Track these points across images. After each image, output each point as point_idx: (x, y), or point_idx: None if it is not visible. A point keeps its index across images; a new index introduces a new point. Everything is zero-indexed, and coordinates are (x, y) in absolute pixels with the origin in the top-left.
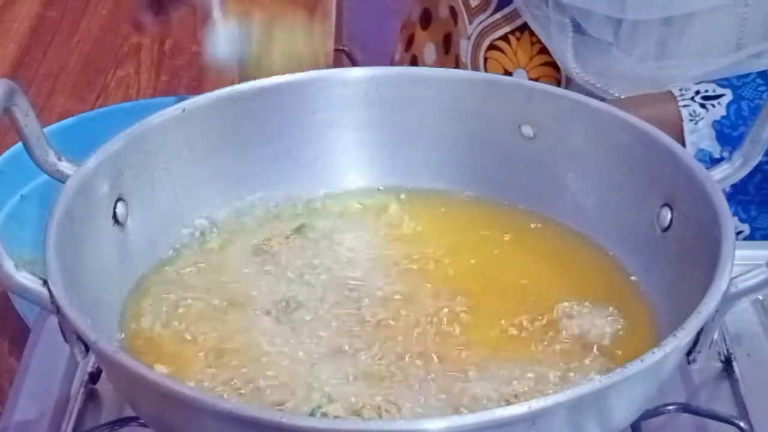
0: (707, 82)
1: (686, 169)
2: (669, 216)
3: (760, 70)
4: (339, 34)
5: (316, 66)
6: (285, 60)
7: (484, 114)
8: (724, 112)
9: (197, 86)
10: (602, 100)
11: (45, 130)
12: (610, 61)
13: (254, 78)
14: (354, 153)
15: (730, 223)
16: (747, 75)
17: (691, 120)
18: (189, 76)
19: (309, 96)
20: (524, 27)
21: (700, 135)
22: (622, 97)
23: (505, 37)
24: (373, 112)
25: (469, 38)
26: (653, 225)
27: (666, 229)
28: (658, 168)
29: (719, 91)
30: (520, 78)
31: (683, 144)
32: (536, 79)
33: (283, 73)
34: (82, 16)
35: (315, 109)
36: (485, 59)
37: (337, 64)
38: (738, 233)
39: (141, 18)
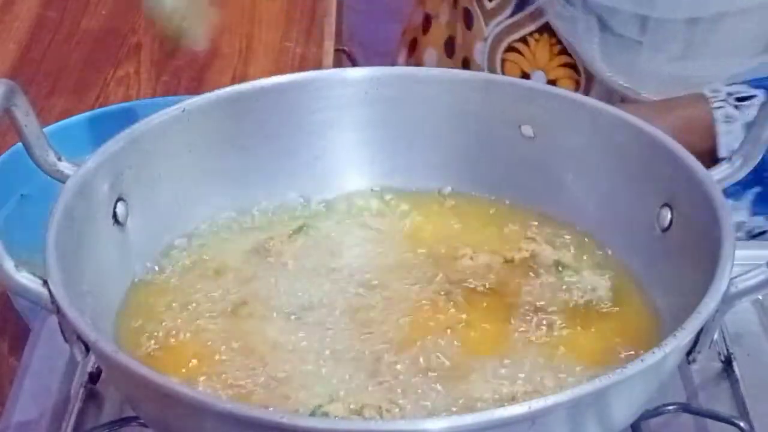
0: (738, 83)
1: (686, 169)
2: (669, 216)
3: None
4: (339, 34)
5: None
6: None
7: (484, 114)
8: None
9: (197, 86)
10: (633, 102)
11: (45, 130)
12: (637, 60)
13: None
14: (354, 153)
15: (730, 223)
16: None
17: (726, 121)
18: (189, 76)
19: (309, 96)
20: (543, 29)
21: (734, 136)
22: (652, 98)
23: (523, 39)
24: (373, 112)
25: (485, 40)
26: (653, 225)
27: (666, 229)
28: (658, 168)
29: (752, 92)
30: (538, 80)
31: (715, 145)
32: (555, 81)
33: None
34: (82, 16)
35: (315, 109)
36: (503, 61)
37: (337, 64)
38: (763, 233)
39: None
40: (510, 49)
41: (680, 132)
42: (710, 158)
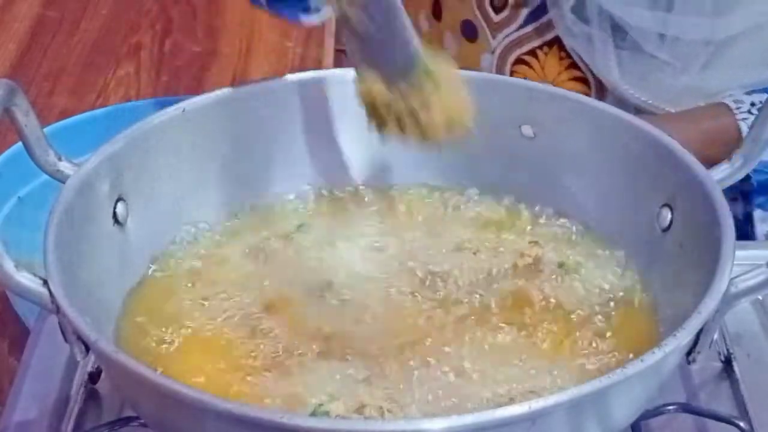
0: (759, 91)
1: (686, 169)
2: (669, 216)
3: None
4: (339, 34)
5: None
6: None
7: (484, 114)
8: None
9: (197, 86)
10: (651, 114)
11: (45, 130)
12: (652, 72)
13: None
14: (354, 153)
15: (730, 223)
16: None
17: None
18: (189, 76)
19: (309, 96)
20: (553, 42)
21: None
22: (673, 110)
23: (532, 52)
24: None
25: (493, 52)
26: (653, 225)
27: (666, 229)
28: (658, 168)
29: None
30: None
31: None
32: None
33: None
34: (82, 16)
35: (315, 109)
36: (511, 73)
37: (337, 64)
38: None
39: None
40: (519, 61)
41: (705, 145)
42: None
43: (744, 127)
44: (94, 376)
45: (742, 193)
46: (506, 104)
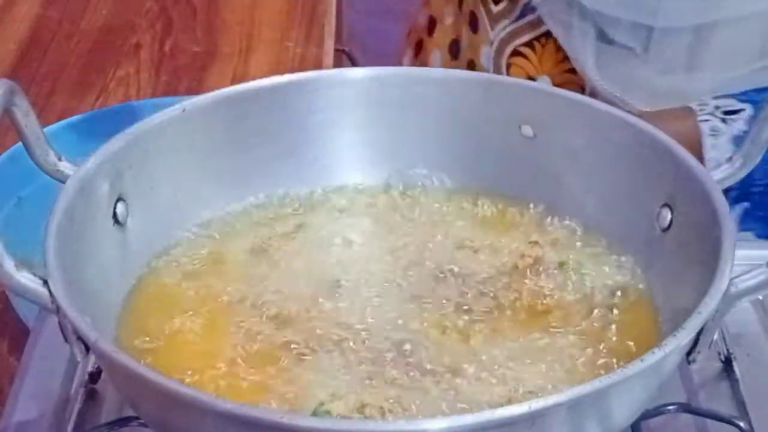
0: (725, 96)
1: (686, 169)
2: (669, 216)
3: None
4: (339, 34)
5: None
6: None
7: (484, 114)
8: (744, 127)
9: (197, 86)
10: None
11: (45, 130)
12: (632, 71)
13: None
14: (354, 153)
15: (730, 223)
16: (766, 89)
17: (712, 135)
18: (189, 76)
19: (309, 96)
20: (549, 33)
21: (721, 150)
22: (643, 109)
23: (529, 44)
24: (373, 112)
25: (491, 44)
26: (653, 225)
27: (666, 229)
28: (658, 168)
29: (738, 105)
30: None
31: (702, 160)
32: (560, 86)
33: None
34: (82, 16)
35: (315, 109)
36: (508, 65)
37: (337, 64)
38: None
39: None
40: (516, 53)
41: None
42: None
43: (705, 129)
44: (94, 376)
45: None
46: (506, 104)
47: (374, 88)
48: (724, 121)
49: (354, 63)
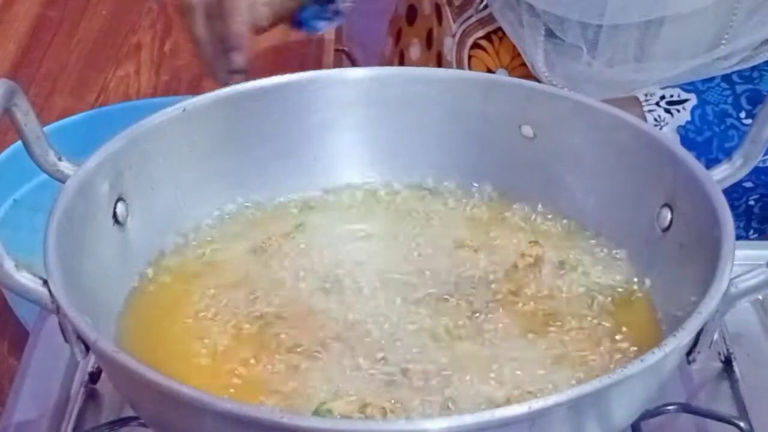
0: (672, 86)
1: (686, 169)
2: (669, 216)
3: (728, 71)
4: (339, 34)
5: None
6: None
7: (484, 114)
8: (688, 117)
9: (197, 86)
10: None
11: (45, 130)
12: (580, 66)
13: None
14: (354, 153)
15: (730, 223)
16: (712, 79)
17: (656, 125)
18: (189, 76)
19: (309, 96)
20: None
21: None
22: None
23: (488, 36)
24: (373, 112)
25: (453, 36)
26: (653, 225)
27: (666, 229)
28: (658, 168)
29: (684, 95)
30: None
31: None
32: None
33: None
34: (82, 16)
35: (315, 109)
36: (469, 57)
37: (337, 64)
38: None
39: None
40: (476, 45)
41: None
42: None
43: (650, 119)
44: (94, 376)
45: None
46: (506, 104)
47: (374, 88)
48: (668, 111)
49: (354, 63)
